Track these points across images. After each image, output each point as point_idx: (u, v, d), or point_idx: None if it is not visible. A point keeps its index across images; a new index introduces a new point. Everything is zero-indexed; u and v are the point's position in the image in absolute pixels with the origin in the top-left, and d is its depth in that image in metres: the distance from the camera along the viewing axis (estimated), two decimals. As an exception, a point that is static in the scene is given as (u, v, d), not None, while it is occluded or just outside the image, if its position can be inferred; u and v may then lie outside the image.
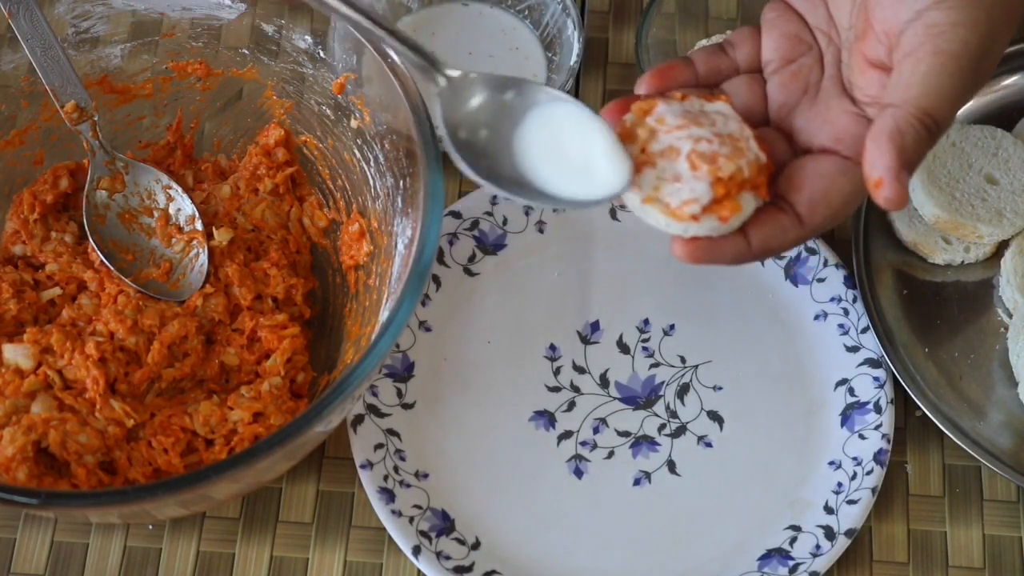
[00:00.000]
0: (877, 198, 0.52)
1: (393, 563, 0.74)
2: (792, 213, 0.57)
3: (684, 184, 0.56)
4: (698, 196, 0.56)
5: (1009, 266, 0.78)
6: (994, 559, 0.74)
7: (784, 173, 0.58)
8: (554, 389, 0.78)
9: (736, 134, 0.57)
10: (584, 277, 0.81)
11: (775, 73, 0.61)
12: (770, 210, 0.57)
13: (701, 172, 0.56)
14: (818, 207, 0.57)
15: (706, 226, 0.56)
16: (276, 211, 0.79)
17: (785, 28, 0.61)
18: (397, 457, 0.74)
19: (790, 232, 0.57)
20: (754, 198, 0.57)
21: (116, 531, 0.74)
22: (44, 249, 0.77)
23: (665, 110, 0.58)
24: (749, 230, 0.57)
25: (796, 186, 0.57)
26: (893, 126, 0.52)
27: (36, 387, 0.70)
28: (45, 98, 0.76)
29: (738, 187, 0.56)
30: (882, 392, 0.75)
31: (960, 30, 0.53)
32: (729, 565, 0.72)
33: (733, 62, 0.62)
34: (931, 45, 0.53)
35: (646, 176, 0.57)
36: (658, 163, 0.57)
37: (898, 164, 0.52)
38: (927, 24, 0.53)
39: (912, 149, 0.52)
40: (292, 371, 0.74)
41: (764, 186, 0.57)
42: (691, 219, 0.56)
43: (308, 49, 0.77)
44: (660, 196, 0.57)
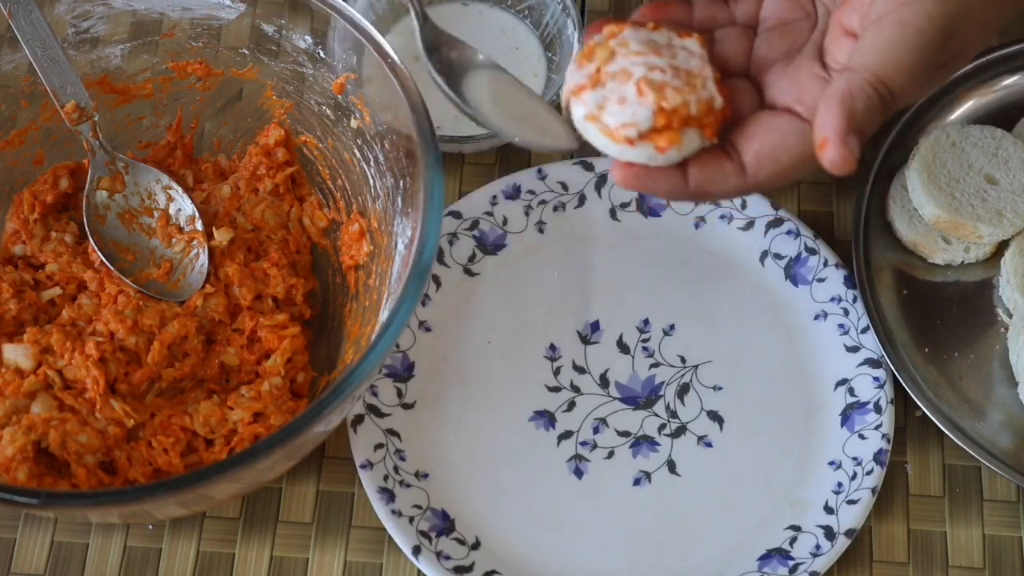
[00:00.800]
0: (822, 159, 0.53)
1: (393, 563, 0.74)
2: (738, 161, 0.58)
3: (627, 107, 0.56)
4: (637, 121, 0.56)
5: (1009, 266, 0.78)
6: (994, 559, 0.74)
7: (742, 124, 0.59)
8: (554, 389, 0.78)
9: (695, 71, 0.58)
10: (584, 277, 0.81)
11: (766, 31, 0.62)
12: (716, 153, 0.58)
13: (646, 99, 0.56)
14: (765, 161, 0.57)
15: (642, 153, 0.56)
16: (276, 211, 0.79)
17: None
18: (397, 457, 0.74)
19: (731, 179, 0.58)
20: (700, 137, 0.57)
21: (116, 531, 0.74)
22: (44, 249, 0.77)
23: (631, 35, 0.59)
24: (689, 167, 0.57)
25: (748, 136, 0.58)
26: (846, 90, 0.53)
27: (36, 387, 0.70)
28: (45, 98, 0.76)
29: (681, 121, 0.56)
30: (882, 392, 0.75)
31: (927, 3, 0.53)
32: (729, 565, 0.72)
33: (731, 14, 0.63)
34: (896, 15, 0.53)
35: (594, 94, 0.57)
36: (608, 83, 0.57)
37: (845, 127, 0.52)
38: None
39: (862, 115, 0.53)
40: (292, 371, 0.74)
41: (712, 127, 0.57)
42: (627, 142, 0.56)
43: (308, 49, 0.77)
44: (601, 115, 0.57)
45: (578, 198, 0.82)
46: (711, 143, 0.57)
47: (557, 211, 0.82)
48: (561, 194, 0.82)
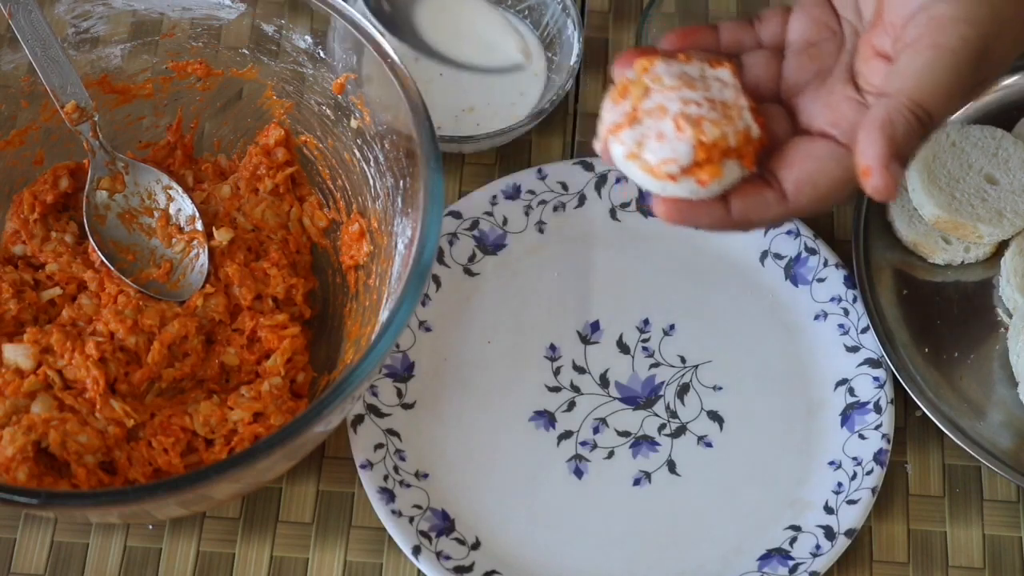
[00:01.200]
0: (866, 187, 0.52)
1: (393, 563, 0.74)
2: (778, 189, 0.57)
3: (666, 143, 0.56)
4: (678, 156, 0.56)
5: (1009, 266, 0.78)
6: (994, 559, 0.74)
7: (779, 150, 0.58)
8: (554, 389, 0.78)
9: (730, 102, 0.58)
10: (584, 277, 0.81)
11: (795, 54, 0.61)
12: (756, 182, 0.58)
13: (685, 134, 0.56)
14: (805, 187, 0.57)
15: (684, 187, 0.56)
16: (276, 211, 0.79)
17: (815, 12, 0.62)
18: (397, 457, 0.74)
19: (773, 208, 0.58)
20: (739, 167, 0.57)
21: (116, 531, 0.74)
22: (44, 249, 0.77)
23: (663, 70, 0.58)
24: (731, 198, 0.57)
25: (787, 163, 0.58)
26: (885, 116, 0.53)
27: (36, 387, 0.70)
28: (45, 98, 0.76)
29: (721, 153, 0.56)
30: (882, 392, 0.75)
31: (961, 25, 0.53)
32: (729, 565, 0.72)
33: (757, 37, 0.63)
34: (930, 38, 0.53)
35: (632, 132, 0.57)
36: (645, 120, 0.57)
37: (887, 154, 0.52)
38: (930, 16, 0.54)
39: (903, 140, 0.52)
40: (292, 371, 0.74)
41: (751, 156, 0.57)
42: (668, 178, 0.56)
43: (308, 49, 0.77)
44: (642, 153, 0.57)
45: (578, 198, 0.82)
46: (751, 172, 0.57)
47: (557, 211, 0.82)
48: (561, 194, 0.82)
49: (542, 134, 0.86)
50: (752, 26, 0.63)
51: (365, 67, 0.73)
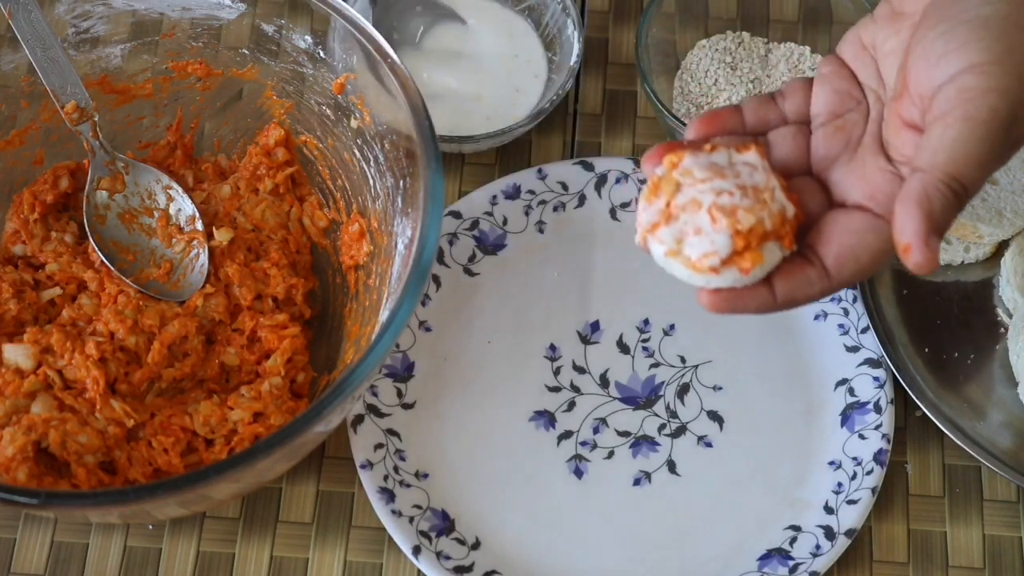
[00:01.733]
0: (907, 263, 0.53)
1: (393, 563, 0.74)
2: (820, 266, 0.58)
3: (704, 237, 0.56)
4: (717, 249, 0.56)
5: (1009, 266, 0.78)
6: (994, 559, 0.74)
7: (816, 225, 0.59)
8: (554, 389, 0.78)
9: (762, 185, 0.58)
10: (584, 277, 0.81)
11: (821, 126, 0.61)
12: (797, 261, 0.58)
13: (720, 225, 0.56)
14: (846, 262, 0.57)
15: (728, 278, 0.57)
16: (276, 211, 0.79)
17: (837, 83, 0.61)
18: (397, 457, 0.74)
19: (816, 285, 0.58)
20: (779, 248, 0.57)
21: (116, 531, 0.74)
22: (44, 249, 0.77)
23: (692, 163, 0.59)
24: (775, 280, 0.57)
25: (826, 239, 0.58)
26: (921, 192, 0.53)
27: (36, 387, 0.70)
28: (45, 98, 0.76)
29: (759, 239, 0.56)
30: (882, 392, 0.75)
31: (991, 96, 0.53)
32: (729, 565, 0.72)
33: (781, 112, 0.62)
34: (961, 110, 0.53)
35: (669, 229, 0.57)
36: (681, 216, 0.57)
37: (926, 230, 0.52)
38: (959, 88, 0.53)
39: (940, 214, 0.53)
40: (292, 371, 0.74)
41: (789, 236, 0.57)
42: (711, 271, 0.56)
43: (308, 49, 0.77)
44: (682, 249, 0.57)
45: (578, 198, 0.82)
46: (791, 252, 0.58)
47: (557, 211, 0.82)
48: (561, 194, 0.82)
49: (542, 134, 0.86)
50: (775, 101, 0.63)
51: (365, 67, 0.73)
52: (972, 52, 0.53)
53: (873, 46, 0.61)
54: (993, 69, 0.53)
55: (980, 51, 0.53)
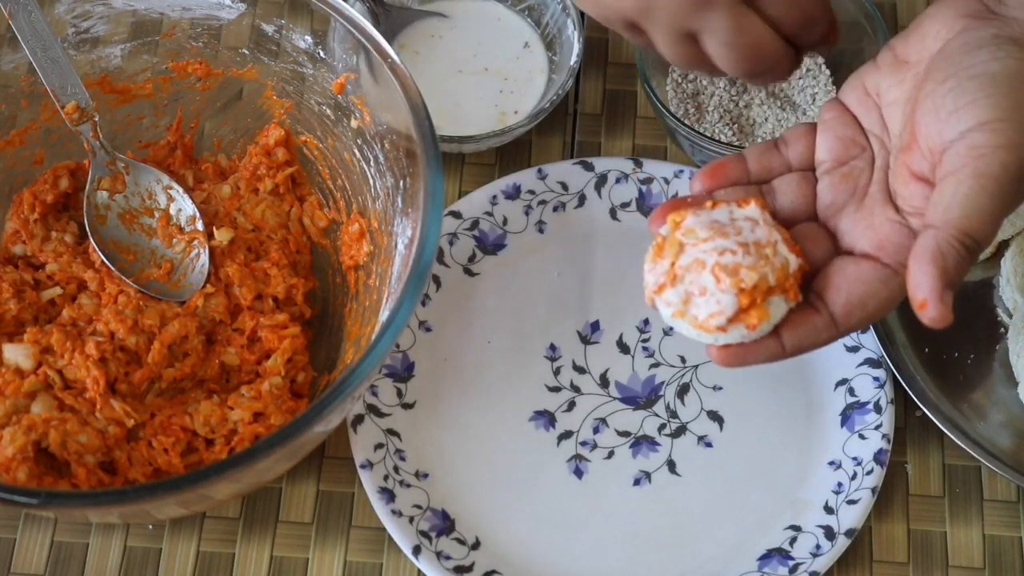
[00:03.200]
0: (922, 318, 0.53)
1: (393, 563, 0.74)
2: (827, 314, 0.58)
3: (710, 297, 0.57)
4: (723, 308, 0.57)
5: (1009, 266, 0.78)
6: (994, 559, 0.74)
7: (824, 272, 0.59)
8: (554, 389, 0.78)
9: (763, 240, 0.58)
10: (584, 277, 0.81)
11: (826, 174, 0.62)
12: (805, 311, 0.58)
13: (724, 284, 0.57)
14: (854, 311, 0.58)
15: (735, 335, 0.58)
16: (276, 211, 0.79)
17: (840, 130, 0.62)
18: (397, 457, 0.74)
19: (824, 333, 0.59)
20: (784, 301, 0.58)
21: (116, 531, 0.74)
22: (44, 249, 0.77)
23: (694, 222, 0.59)
24: (783, 332, 0.58)
25: (835, 288, 0.58)
26: (935, 248, 0.53)
27: (36, 387, 0.70)
28: (45, 98, 0.76)
29: (764, 295, 0.57)
30: (882, 392, 0.75)
31: (1001, 153, 0.53)
32: (729, 565, 0.72)
33: (785, 160, 0.63)
34: (972, 167, 0.54)
35: (675, 291, 0.58)
36: (685, 277, 0.58)
37: (941, 285, 0.53)
38: (969, 145, 0.54)
39: (954, 270, 0.53)
40: (292, 371, 0.75)
41: (794, 289, 0.58)
42: (718, 330, 0.57)
43: (308, 49, 0.77)
44: (688, 310, 0.58)
45: (578, 198, 0.82)
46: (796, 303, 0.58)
47: (557, 211, 0.82)
48: (561, 194, 0.82)
49: (542, 134, 0.87)
50: (778, 148, 0.63)
51: (365, 67, 0.73)
52: (982, 109, 0.54)
53: (877, 93, 0.61)
54: (1003, 127, 0.54)
55: (990, 108, 0.54)
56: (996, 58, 0.55)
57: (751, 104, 0.84)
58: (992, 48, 0.56)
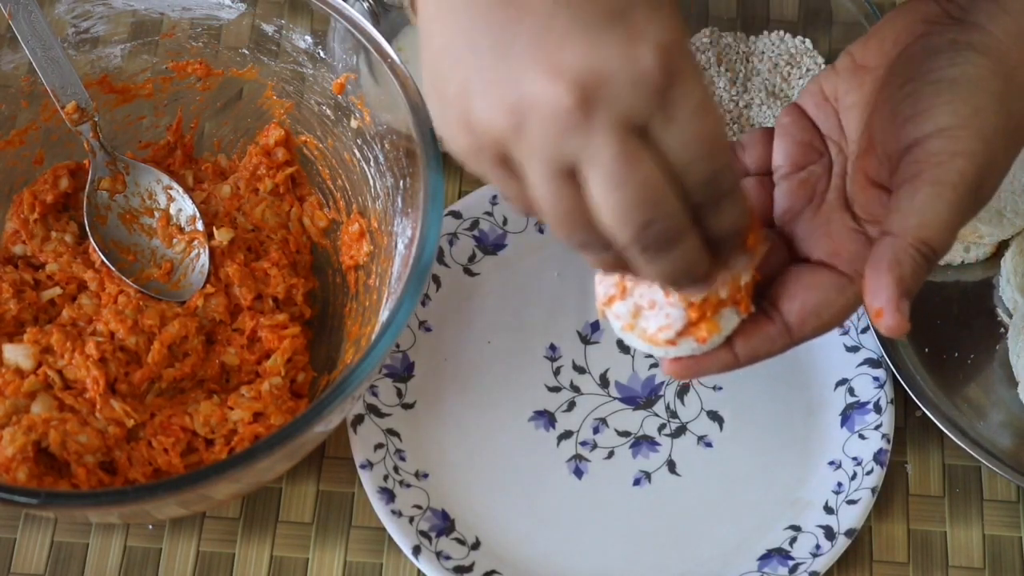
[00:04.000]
0: (879, 327, 0.53)
1: (393, 563, 0.74)
2: (780, 322, 0.57)
3: (659, 311, 0.56)
4: (671, 322, 0.56)
5: (1009, 266, 0.78)
6: (994, 559, 0.74)
7: (779, 280, 0.58)
8: (554, 389, 0.78)
9: None
10: (584, 277, 0.81)
11: (784, 179, 0.61)
12: (758, 320, 0.57)
13: (673, 298, 0.56)
14: (809, 319, 0.57)
15: (685, 348, 0.57)
16: (276, 211, 0.79)
17: (798, 135, 0.61)
18: (397, 457, 0.74)
19: (777, 342, 0.58)
20: (735, 314, 0.56)
21: (116, 531, 0.74)
22: (44, 249, 0.77)
23: None
24: (735, 341, 0.57)
25: (789, 295, 0.57)
26: (892, 257, 0.53)
27: (36, 387, 0.70)
28: (45, 98, 0.76)
29: (714, 308, 0.56)
30: (882, 392, 0.75)
31: (959, 160, 0.53)
32: (729, 565, 0.72)
33: (742, 164, 0.62)
34: (929, 174, 0.53)
35: (624, 304, 0.57)
36: (635, 291, 0.57)
37: (897, 294, 0.52)
38: (927, 152, 0.53)
39: (911, 278, 0.53)
40: (292, 371, 0.75)
41: (745, 301, 0.56)
42: (668, 344, 0.56)
43: (308, 49, 0.77)
44: (638, 323, 0.57)
45: (578, 198, 0.82)
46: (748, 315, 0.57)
47: (557, 211, 0.82)
48: (561, 194, 0.82)
49: (542, 134, 0.86)
50: (735, 153, 0.62)
51: (365, 67, 0.73)
52: (940, 115, 0.53)
53: (835, 97, 0.60)
54: (961, 133, 0.53)
55: (947, 114, 0.53)
56: (955, 64, 0.54)
57: (751, 104, 0.84)
58: (951, 54, 0.54)
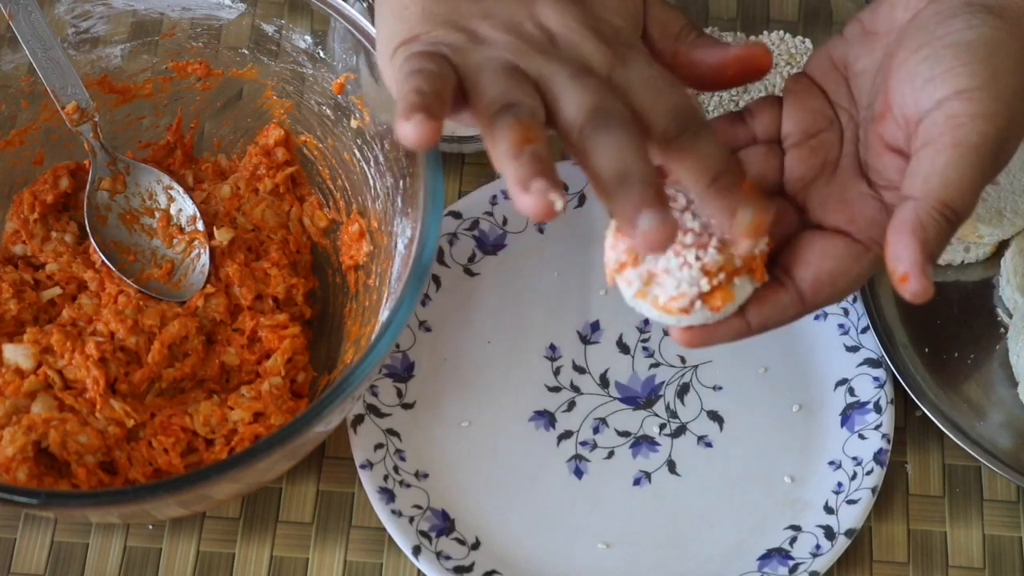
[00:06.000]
0: (903, 292, 0.52)
1: (393, 563, 0.74)
2: (794, 290, 0.57)
3: (672, 278, 0.55)
4: (686, 290, 0.54)
5: (1009, 266, 0.78)
6: (994, 559, 0.74)
7: (792, 247, 0.57)
8: (554, 389, 0.78)
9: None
10: (584, 277, 0.81)
11: (794, 146, 0.60)
12: (771, 288, 0.57)
13: (688, 265, 0.54)
14: (823, 287, 0.56)
15: (698, 317, 0.55)
16: (276, 211, 0.79)
17: (807, 102, 0.60)
18: (397, 457, 0.74)
19: (790, 310, 0.57)
20: (750, 282, 0.55)
21: (116, 531, 0.74)
22: (44, 249, 0.77)
23: None
24: (748, 310, 0.56)
25: (803, 263, 0.57)
26: (916, 220, 0.52)
27: (36, 387, 0.70)
28: (45, 98, 0.76)
29: (729, 276, 0.55)
30: (882, 392, 0.75)
31: (980, 122, 0.52)
32: (729, 565, 0.72)
33: (751, 131, 0.61)
34: (950, 136, 0.53)
35: (637, 271, 0.56)
36: (647, 257, 0.56)
37: (922, 258, 0.52)
38: (947, 114, 0.53)
39: (935, 241, 0.52)
40: (292, 371, 0.75)
41: (760, 269, 0.55)
42: (682, 312, 0.55)
43: (308, 49, 0.77)
44: (650, 290, 0.56)
45: (578, 198, 0.82)
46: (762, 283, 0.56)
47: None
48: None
49: (542, 134, 0.86)
50: (743, 120, 0.61)
51: (365, 67, 0.73)
52: (959, 78, 0.53)
53: (844, 65, 0.60)
54: (981, 95, 0.53)
55: (967, 76, 0.53)
56: (971, 26, 0.54)
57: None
58: (966, 16, 0.54)
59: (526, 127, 0.50)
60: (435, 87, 0.50)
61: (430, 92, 0.50)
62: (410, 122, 0.48)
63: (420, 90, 0.50)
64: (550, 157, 0.51)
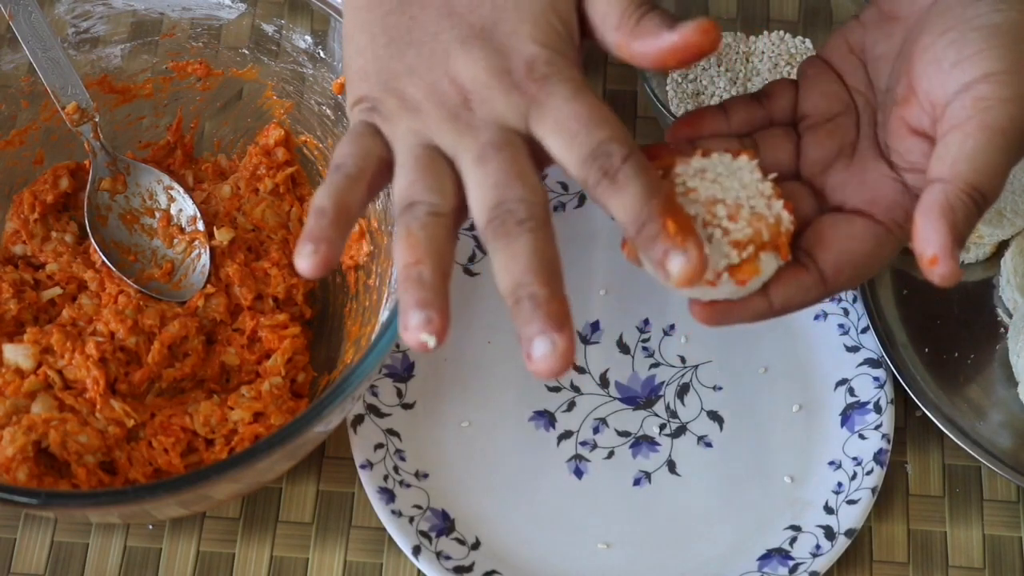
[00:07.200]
0: (931, 276, 0.52)
1: (393, 563, 0.74)
2: (815, 271, 0.56)
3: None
4: (713, 262, 0.54)
5: (1009, 266, 0.78)
6: (994, 559, 0.74)
7: (812, 228, 0.57)
8: (554, 389, 0.78)
9: (757, 194, 0.55)
10: (584, 277, 0.81)
11: (811, 129, 0.60)
12: (793, 268, 0.56)
13: (717, 237, 0.54)
14: (844, 268, 0.56)
15: (724, 290, 0.55)
16: (276, 211, 0.79)
17: (824, 85, 0.60)
18: (397, 457, 0.74)
19: (813, 291, 0.56)
20: (775, 259, 0.55)
21: (116, 531, 0.74)
22: (44, 249, 0.77)
23: (682, 171, 0.56)
24: (771, 289, 0.56)
25: (825, 245, 0.56)
26: (944, 202, 0.52)
27: (36, 387, 0.70)
28: (45, 98, 0.76)
29: (756, 250, 0.54)
30: (882, 392, 0.75)
31: (1008, 105, 0.52)
32: (729, 565, 0.72)
33: (767, 113, 0.61)
34: (979, 120, 0.52)
35: None
36: None
37: (951, 241, 0.51)
38: (975, 97, 0.53)
39: (963, 224, 0.52)
40: (292, 371, 0.75)
41: (785, 247, 0.55)
42: (707, 284, 0.54)
43: (308, 49, 0.77)
44: None
45: (578, 198, 0.82)
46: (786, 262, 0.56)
47: (557, 211, 0.82)
48: (561, 194, 0.82)
49: (542, 134, 0.86)
50: (760, 103, 0.61)
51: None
52: (986, 61, 0.53)
53: (862, 50, 0.60)
54: (1009, 79, 0.52)
55: (994, 60, 0.53)
56: (998, 10, 0.54)
57: (751, 104, 0.84)
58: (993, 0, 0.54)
59: (415, 242, 0.49)
60: (341, 200, 0.50)
61: (331, 211, 0.50)
62: (301, 254, 0.49)
63: (323, 211, 0.50)
64: (438, 280, 0.50)
